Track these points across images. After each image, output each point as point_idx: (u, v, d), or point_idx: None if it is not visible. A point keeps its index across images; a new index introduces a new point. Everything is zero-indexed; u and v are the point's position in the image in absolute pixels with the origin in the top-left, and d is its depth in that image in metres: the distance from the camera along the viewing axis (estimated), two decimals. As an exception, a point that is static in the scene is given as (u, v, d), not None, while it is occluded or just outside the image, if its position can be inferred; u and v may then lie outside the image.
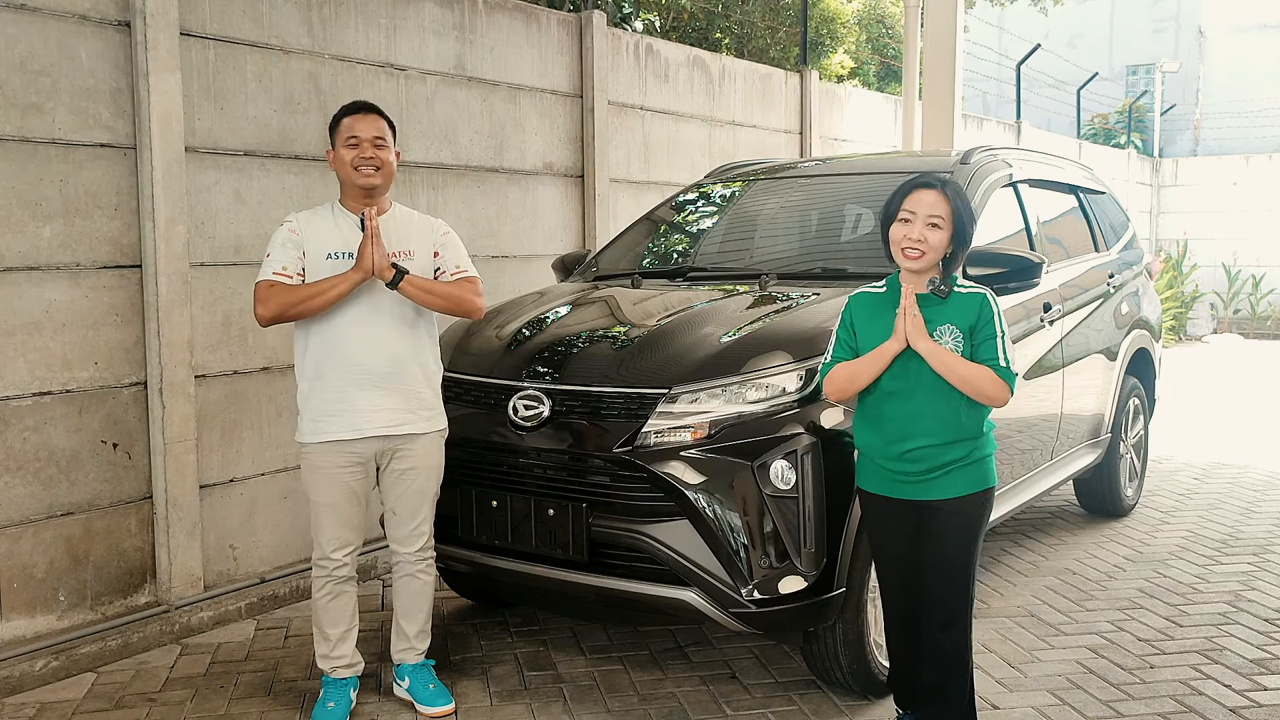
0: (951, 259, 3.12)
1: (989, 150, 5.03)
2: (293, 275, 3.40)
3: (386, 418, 3.47)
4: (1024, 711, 3.62)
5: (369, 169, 3.45)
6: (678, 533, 3.35)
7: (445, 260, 3.61)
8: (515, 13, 6.07)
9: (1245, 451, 7.93)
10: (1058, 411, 5.04)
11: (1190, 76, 21.93)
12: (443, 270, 3.61)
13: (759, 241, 4.87)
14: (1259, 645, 4.18)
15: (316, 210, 3.58)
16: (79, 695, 3.80)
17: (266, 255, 3.46)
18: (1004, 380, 3.04)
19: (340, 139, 3.48)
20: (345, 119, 3.50)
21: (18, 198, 3.90)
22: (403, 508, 3.59)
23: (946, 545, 3.11)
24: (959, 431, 3.07)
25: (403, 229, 3.57)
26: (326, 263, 3.43)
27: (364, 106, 3.54)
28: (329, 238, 3.47)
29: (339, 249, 3.45)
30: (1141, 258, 6.37)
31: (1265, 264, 17.75)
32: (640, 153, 7.12)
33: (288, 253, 3.43)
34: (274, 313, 3.38)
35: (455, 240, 3.67)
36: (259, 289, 3.40)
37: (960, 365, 3.01)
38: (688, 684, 3.84)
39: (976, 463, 3.10)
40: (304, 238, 3.44)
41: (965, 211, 3.11)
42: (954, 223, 3.07)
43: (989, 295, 3.11)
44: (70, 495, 4.08)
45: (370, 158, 3.45)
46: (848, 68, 13.53)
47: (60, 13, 4.00)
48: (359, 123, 3.47)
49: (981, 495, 3.13)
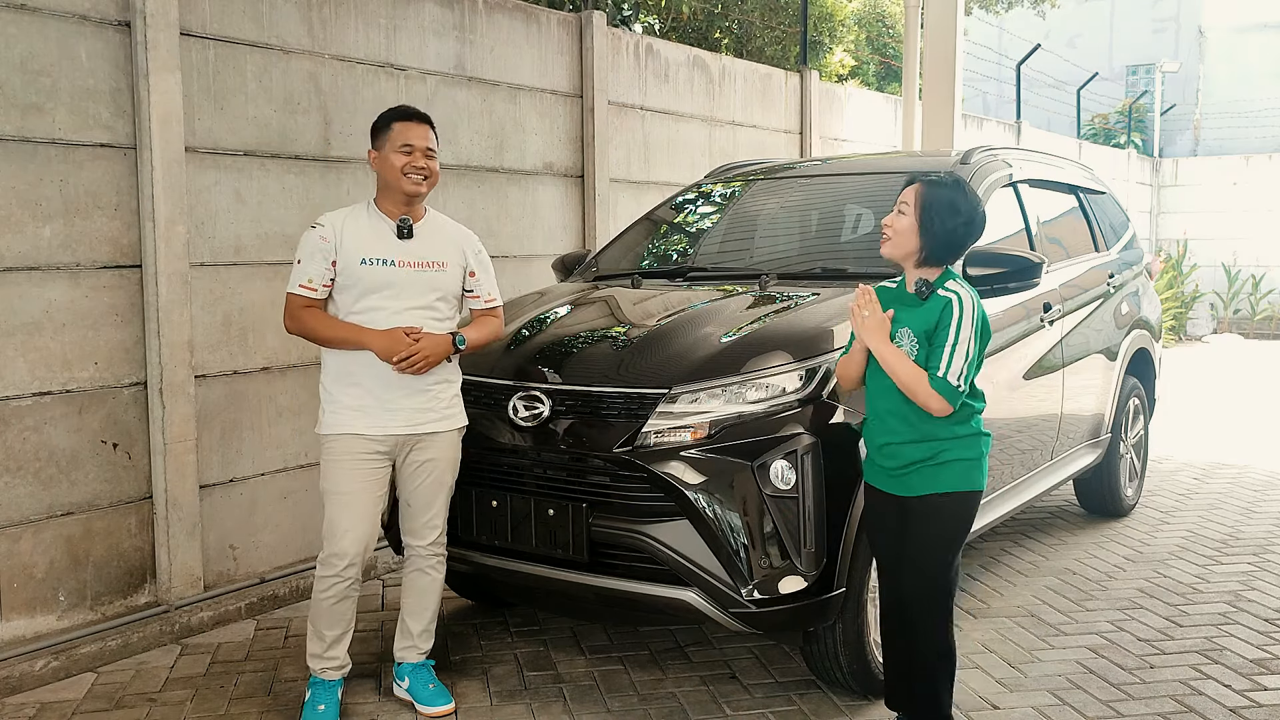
0: (927, 256, 3.09)
1: (989, 150, 5.03)
2: (318, 288, 3.44)
3: (410, 417, 3.51)
4: (1024, 711, 3.62)
5: (419, 177, 3.51)
6: (678, 533, 3.35)
7: (481, 285, 3.71)
8: (515, 13, 6.07)
9: (1245, 451, 7.93)
10: (1058, 411, 5.04)
11: (1190, 76, 21.93)
12: (477, 294, 3.71)
13: (759, 241, 4.87)
14: (1259, 645, 4.18)
15: (352, 210, 3.57)
16: (79, 695, 3.80)
17: (296, 261, 3.47)
18: (936, 390, 2.98)
19: (393, 143, 3.49)
20: (399, 124, 3.51)
21: (18, 198, 3.90)
22: (418, 499, 3.61)
23: (914, 545, 3.12)
24: (921, 432, 3.06)
25: (438, 238, 3.61)
26: (361, 268, 3.45)
27: (419, 115, 3.57)
28: (365, 242, 3.47)
29: (374, 255, 3.46)
30: (1141, 258, 6.37)
31: (1265, 264, 17.75)
32: (640, 153, 7.12)
33: (316, 264, 3.44)
34: (298, 332, 3.49)
35: (488, 261, 3.75)
36: (292, 302, 3.47)
37: (901, 369, 3.02)
38: (688, 684, 3.84)
39: (945, 465, 3.05)
40: (337, 242, 3.45)
41: (936, 207, 3.05)
42: (920, 214, 3.05)
43: (956, 300, 3.04)
44: (70, 495, 4.08)
45: (422, 167, 3.50)
46: (848, 67, 13.53)
47: (60, 13, 4.00)
48: (414, 130, 3.52)
49: (952, 498, 3.07)
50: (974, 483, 3.10)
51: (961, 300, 3.05)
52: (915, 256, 3.09)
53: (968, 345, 3.00)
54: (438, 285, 3.55)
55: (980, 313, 3.07)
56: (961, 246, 3.14)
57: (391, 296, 3.46)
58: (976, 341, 3.03)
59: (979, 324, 3.05)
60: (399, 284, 3.47)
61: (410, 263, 3.50)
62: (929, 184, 3.10)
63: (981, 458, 3.11)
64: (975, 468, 3.10)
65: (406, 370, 3.42)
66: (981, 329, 3.06)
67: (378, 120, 3.59)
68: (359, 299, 3.46)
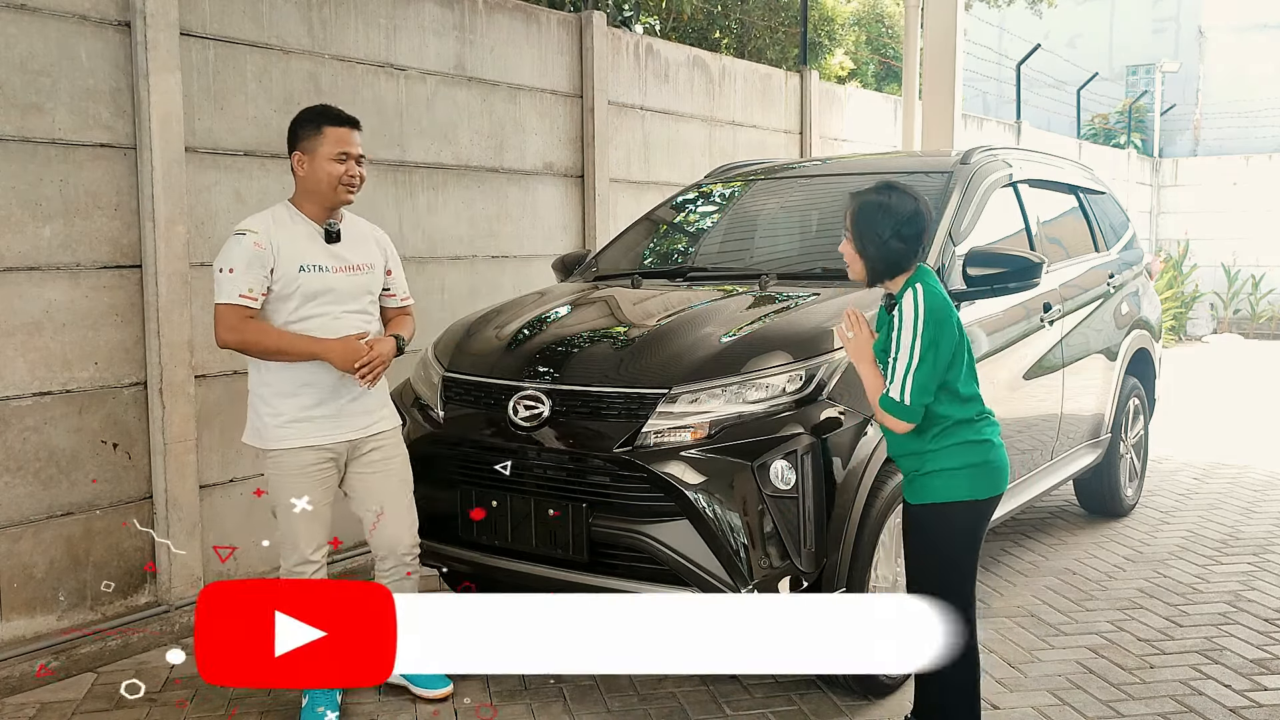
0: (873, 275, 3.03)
1: (989, 150, 5.03)
2: (257, 298, 3.31)
3: (359, 420, 3.49)
4: (1024, 711, 3.62)
5: (353, 188, 3.44)
6: (678, 533, 3.35)
7: (396, 284, 3.68)
8: (515, 13, 6.07)
9: (1245, 451, 7.93)
10: (1058, 411, 5.04)
11: (1190, 76, 21.92)
12: (393, 293, 3.67)
13: (759, 242, 4.87)
14: (1259, 645, 4.18)
15: (273, 215, 3.42)
16: (79, 695, 3.80)
17: (225, 270, 3.29)
18: (884, 409, 2.93)
19: (327, 150, 3.37)
20: (332, 129, 3.39)
21: (18, 198, 3.90)
22: (392, 503, 3.58)
23: (908, 554, 3.12)
24: (904, 446, 3.05)
25: (360, 239, 3.56)
26: (300, 275, 3.35)
27: (350, 119, 3.46)
28: (300, 249, 3.38)
29: (311, 261, 3.37)
30: (1141, 258, 6.37)
31: (1265, 264, 17.74)
32: (640, 153, 7.12)
33: (254, 274, 3.29)
34: (238, 344, 3.33)
35: (398, 258, 3.72)
36: (225, 313, 3.29)
37: (867, 382, 3.03)
38: (688, 684, 3.84)
39: (927, 476, 3.00)
40: (274, 250, 3.32)
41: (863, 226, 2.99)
42: (853, 236, 3.02)
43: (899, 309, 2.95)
44: (70, 495, 4.08)
45: (355, 176, 3.42)
46: (846, 69, 13.53)
47: (60, 13, 4.00)
48: (351, 138, 3.42)
49: (931, 510, 3.00)
50: (955, 493, 2.98)
51: (903, 308, 2.94)
52: (866, 277, 3.07)
53: (910, 355, 2.89)
54: (369, 287, 3.52)
55: (930, 313, 2.91)
56: (904, 256, 2.99)
57: (330, 302, 3.40)
58: (922, 347, 2.88)
59: (928, 326, 2.90)
60: (336, 290, 3.41)
61: (341, 267, 3.44)
62: (855, 201, 3.05)
63: (968, 468, 2.98)
64: (959, 478, 2.97)
65: (366, 377, 3.37)
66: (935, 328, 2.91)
67: (302, 117, 3.46)
68: (299, 307, 3.37)
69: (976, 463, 2.99)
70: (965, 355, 3.01)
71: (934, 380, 2.93)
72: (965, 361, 3.01)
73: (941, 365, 2.93)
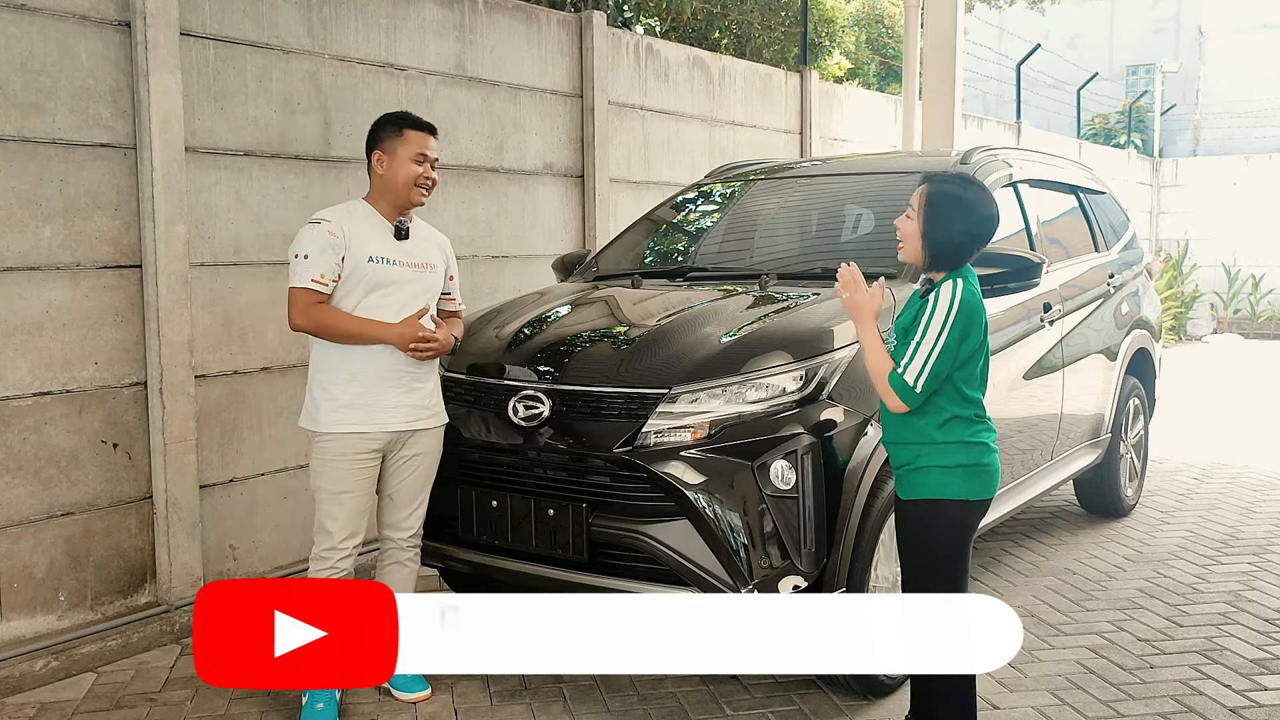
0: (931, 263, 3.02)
1: (989, 150, 5.04)
2: (329, 283, 3.43)
3: (408, 414, 3.56)
4: (1024, 711, 3.62)
5: (428, 189, 3.59)
6: (678, 533, 3.35)
7: (455, 288, 3.84)
8: (515, 13, 6.07)
9: (1245, 451, 7.93)
10: (1058, 411, 5.04)
11: (1190, 76, 21.93)
12: (452, 296, 3.82)
13: (759, 241, 4.87)
14: (1259, 645, 4.18)
15: (347, 209, 3.56)
16: (79, 695, 3.80)
17: (300, 256, 3.41)
18: (890, 386, 2.92)
19: (407, 151, 3.52)
20: (414, 133, 3.55)
21: (18, 198, 3.90)
22: (403, 493, 3.64)
23: (900, 550, 3.11)
24: (902, 434, 3.01)
25: (426, 241, 3.69)
26: (369, 265, 3.47)
27: (430, 125, 3.62)
28: (370, 241, 3.50)
29: (381, 254, 3.50)
30: (1141, 258, 6.37)
31: (1265, 264, 17.75)
32: (640, 153, 7.12)
33: (327, 259, 3.42)
34: (310, 328, 3.44)
35: (457, 264, 3.87)
36: (299, 297, 3.41)
37: (870, 356, 2.99)
38: (688, 684, 3.84)
39: (920, 471, 2.97)
40: (346, 239, 3.45)
41: (940, 213, 2.97)
42: (923, 219, 2.99)
43: (935, 296, 2.93)
44: (70, 495, 4.08)
45: (430, 178, 3.57)
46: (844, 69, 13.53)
47: (60, 13, 4.00)
48: (429, 142, 3.58)
49: (923, 507, 2.97)
50: (948, 491, 2.94)
51: (939, 295, 2.93)
52: (922, 261, 3.05)
53: (934, 344, 2.88)
54: (430, 286, 3.64)
55: (963, 309, 2.91)
56: (966, 252, 3.00)
57: (394, 294, 3.51)
58: (946, 339, 2.88)
59: (959, 321, 2.90)
60: (400, 283, 3.53)
61: (408, 263, 3.57)
62: (934, 186, 3.02)
63: (962, 468, 2.95)
64: (953, 476, 2.94)
65: (419, 350, 3.46)
66: (965, 326, 2.91)
67: (386, 120, 3.59)
68: (365, 296, 3.48)
69: (971, 464, 2.97)
70: (982, 362, 3.01)
71: (946, 372, 2.93)
72: (980, 367, 3.01)
73: (959, 361, 2.94)
